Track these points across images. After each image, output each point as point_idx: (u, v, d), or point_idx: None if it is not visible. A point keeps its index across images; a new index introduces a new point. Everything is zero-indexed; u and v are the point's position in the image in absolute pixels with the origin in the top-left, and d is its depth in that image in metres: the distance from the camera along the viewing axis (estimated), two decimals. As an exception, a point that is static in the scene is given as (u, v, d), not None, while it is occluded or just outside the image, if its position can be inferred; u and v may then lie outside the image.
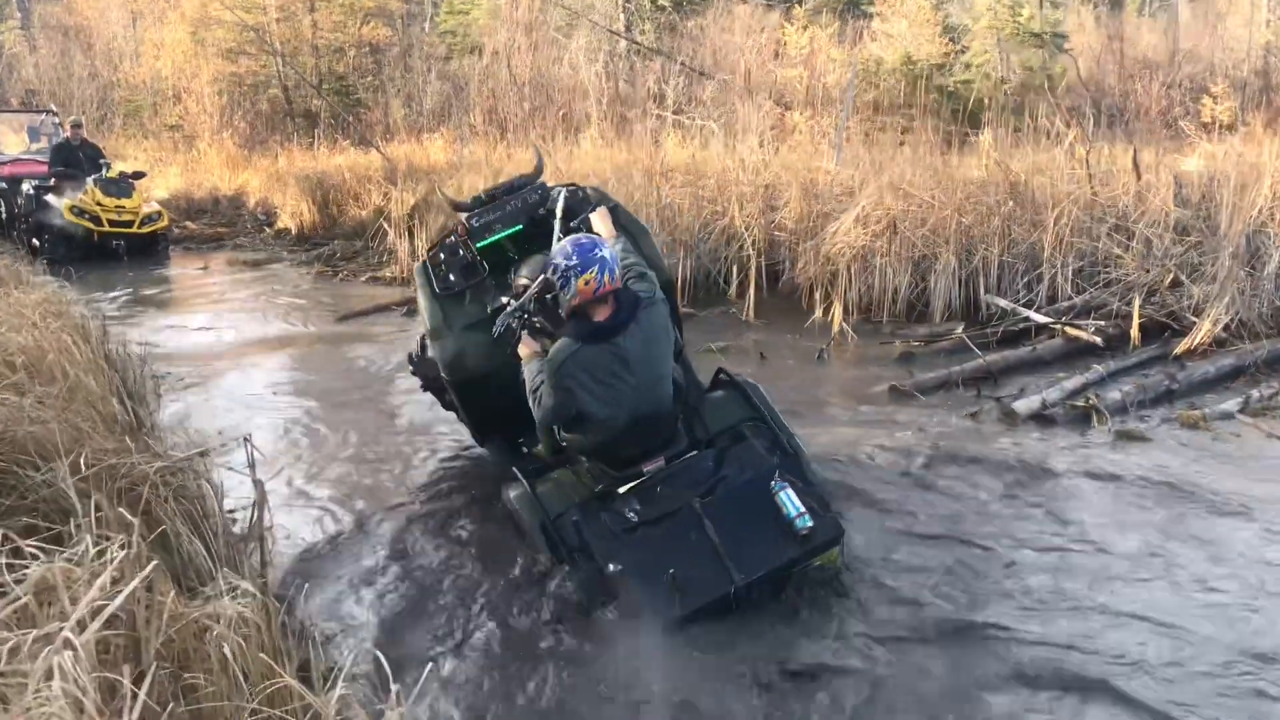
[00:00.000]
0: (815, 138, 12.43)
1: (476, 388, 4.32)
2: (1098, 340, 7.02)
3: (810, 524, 3.64)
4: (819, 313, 8.20)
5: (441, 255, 4.41)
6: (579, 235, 3.80)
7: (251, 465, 3.44)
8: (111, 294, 9.73)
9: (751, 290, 8.39)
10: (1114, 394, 6.12)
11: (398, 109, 17.97)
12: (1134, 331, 7.11)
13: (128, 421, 4.02)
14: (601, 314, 3.69)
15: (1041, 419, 5.95)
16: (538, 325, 3.97)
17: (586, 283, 3.60)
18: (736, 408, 4.30)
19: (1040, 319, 7.40)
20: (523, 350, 3.97)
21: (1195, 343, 6.94)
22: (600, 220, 4.17)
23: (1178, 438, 5.64)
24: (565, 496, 3.86)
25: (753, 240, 8.76)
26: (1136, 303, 7.17)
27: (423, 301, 4.43)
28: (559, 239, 4.06)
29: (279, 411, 6.18)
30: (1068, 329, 7.14)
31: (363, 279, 10.33)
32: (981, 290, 7.98)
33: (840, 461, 5.32)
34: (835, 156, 10.38)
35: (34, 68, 22.23)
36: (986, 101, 13.41)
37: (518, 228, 4.27)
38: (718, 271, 8.95)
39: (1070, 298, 7.75)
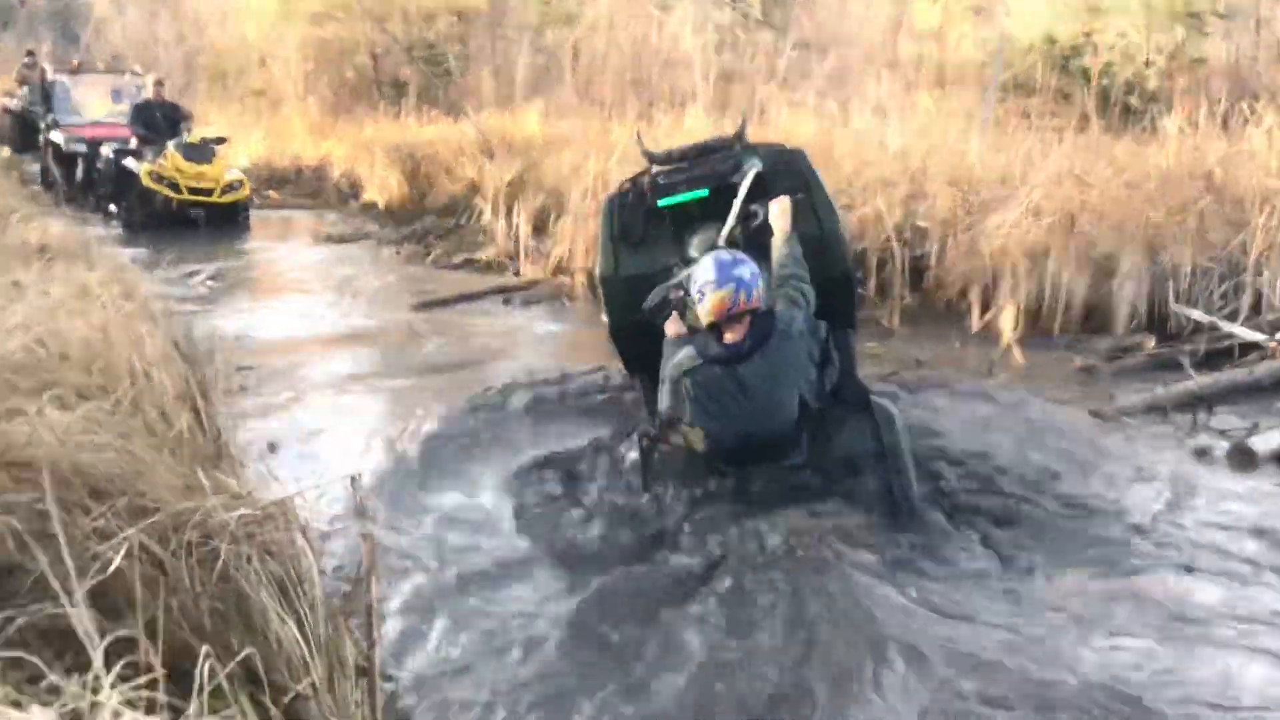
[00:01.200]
0: (944, 120, 11.28)
1: (629, 335, 4.41)
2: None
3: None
4: (975, 318, 7.18)
5: (630, 196, 4.39)
6: (721, 252, 3.78)
7: (360, 513, 2.56)
8: (188, 269, 9.00)
9: (897, 290, 7.38)
10: (1373, 434, 5.03)
11: (487, 79, 17.15)
12: (1371, 356, 5.98)
13: (202, 443, 3.17)
14: (733, 334, 3.69)
15: (1284, 462, 4.90)
16: (689, 305, 3.88)
17: (720, 300, 3.59)
18: (863, 436, 4.05)
19: (1250, 335, 6.28)
20: (669, 328, 4.00)
21: None
22: (779, 214, 4.03)
23: None
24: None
25: (897, 232, 7.74)
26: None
27: (601, 240, 4.49)
28: (736, 216, 4.14)
29: (371, 424, 5.35)
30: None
31: (457, 260, 9.49)
32: (1171, 299, 6.86)
33: (1046, 508, 4.34)
34: (978, 140, 9.30)
35: (121, 31, 21.82)
36: (1135, 86, 12.14)
37: (703, 192, 4.22)
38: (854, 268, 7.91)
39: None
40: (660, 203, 4.25)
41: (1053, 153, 8.21)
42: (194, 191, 10.74)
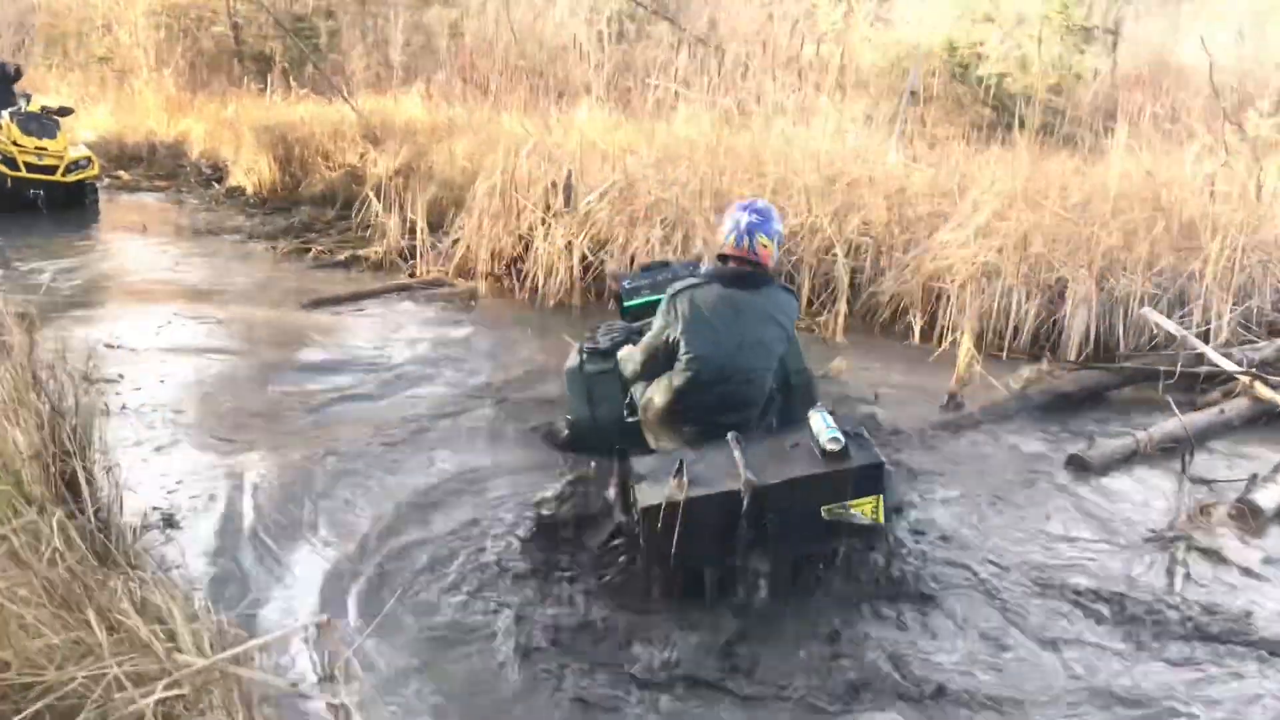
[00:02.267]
0: (849, 125, 10.88)
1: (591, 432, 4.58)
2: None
3: (840, 439, 3.35)
4: (918, 337, 6.74)
5: (600, 329, 4.83)
6: (755, 199, 4.00)
7: (331, 675, 1.83)
8: (30, 265, 7.79)
9: (842, 305, 6.88)
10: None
11: (360, 57, 15.97)
12: (1331, 393, 5.76)
13: (82, 547, 2.32)
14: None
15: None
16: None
17: (754, 243, 3.80)
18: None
19: (1224, 362, 5.99)
20: (622, 353, 4.25)
21: None
22: None
23: None
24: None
25: (831, 246, 7.24)
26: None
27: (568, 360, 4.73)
28: None
29: (278, 475, 4.50)
30: (1258, 387, 5.75)
31: (343, 257, 8.53)
32: (1135, 305, 6.52)
33: (1034, 596, 3.86)
34: (897, 151, 8.93)
35: (-60, -17, 19.59)
36: (1028, 99, 12.00)
37: (662, 296, 4.28)
38: (787, 280, 7.37)
39: (1228, 344, 6.37)
40: (625, 305, 4.75)
41: (986, 169, 7.88)
42: (33, 169, 9.40)
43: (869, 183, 7.63)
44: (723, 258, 3.89)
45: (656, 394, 3.86)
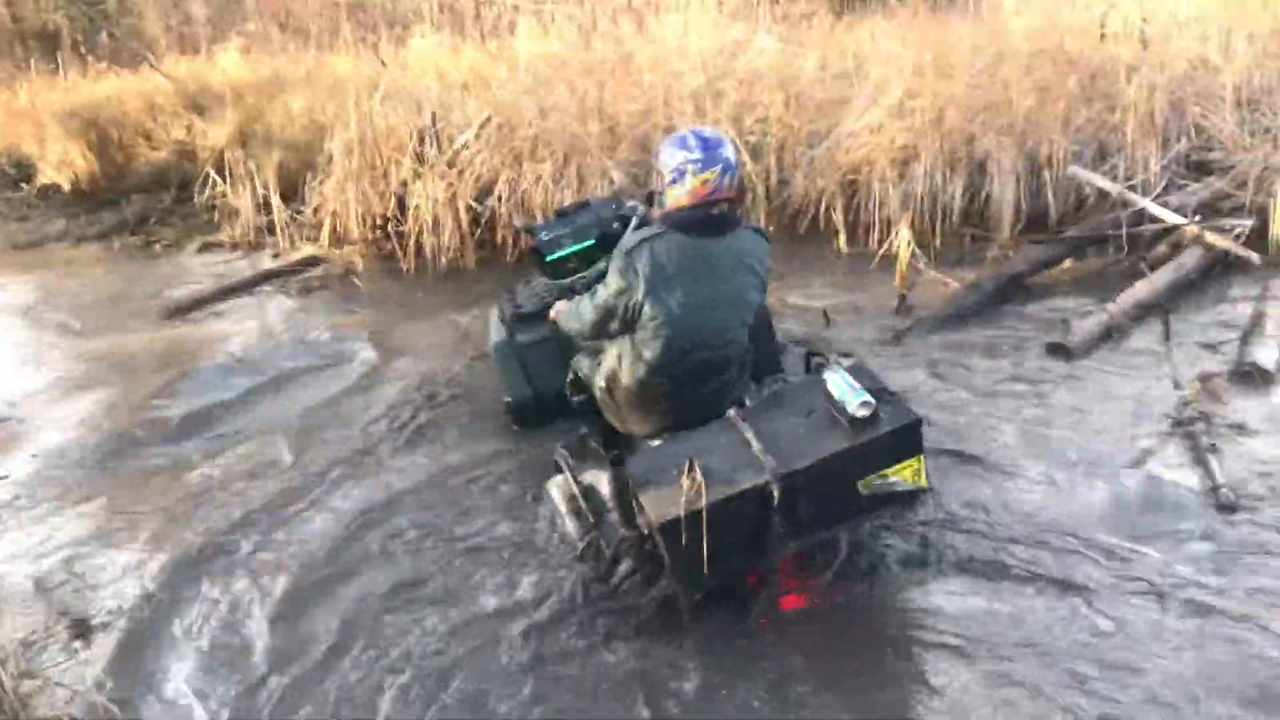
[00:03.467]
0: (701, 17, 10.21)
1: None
2: (1252, 256, 5.38)
3: (871, 402, 2.81)
4: (844, 240, 6.30)
5: (517, 292, 4.37)
6: (702, 128, 3.42)
7: None
8: None
9: (763, 213, 6.36)
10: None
11: (156, 19, 14.47)
12: (1276, 231, 5.55)
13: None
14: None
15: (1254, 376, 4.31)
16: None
17: (704, 183, 3.12)
18: None
19: (1167, 215, 5.70)
20: (556, 309, 3.65)
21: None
22: None
23: None
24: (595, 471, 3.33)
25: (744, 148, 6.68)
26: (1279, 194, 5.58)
27: (490, 330, 4.39)
28: None
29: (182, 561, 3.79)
30: (1208, 237, 5.48)
31: (194, 246, 7.57)
32: (1060, 165, 6.16)
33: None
34: (765, 36, 8.34)
35: None
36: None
37: (589, 241, 3.98)
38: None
39: (1158, 192, 6.08)
40: (548, 259, 4.00)
41: (874, 43, 7.39)
42: None
43: (759, 77, 7.06)
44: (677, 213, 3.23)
45: (623, 370, 3.28)
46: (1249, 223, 5.57)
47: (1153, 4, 7.34)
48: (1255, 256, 5.34)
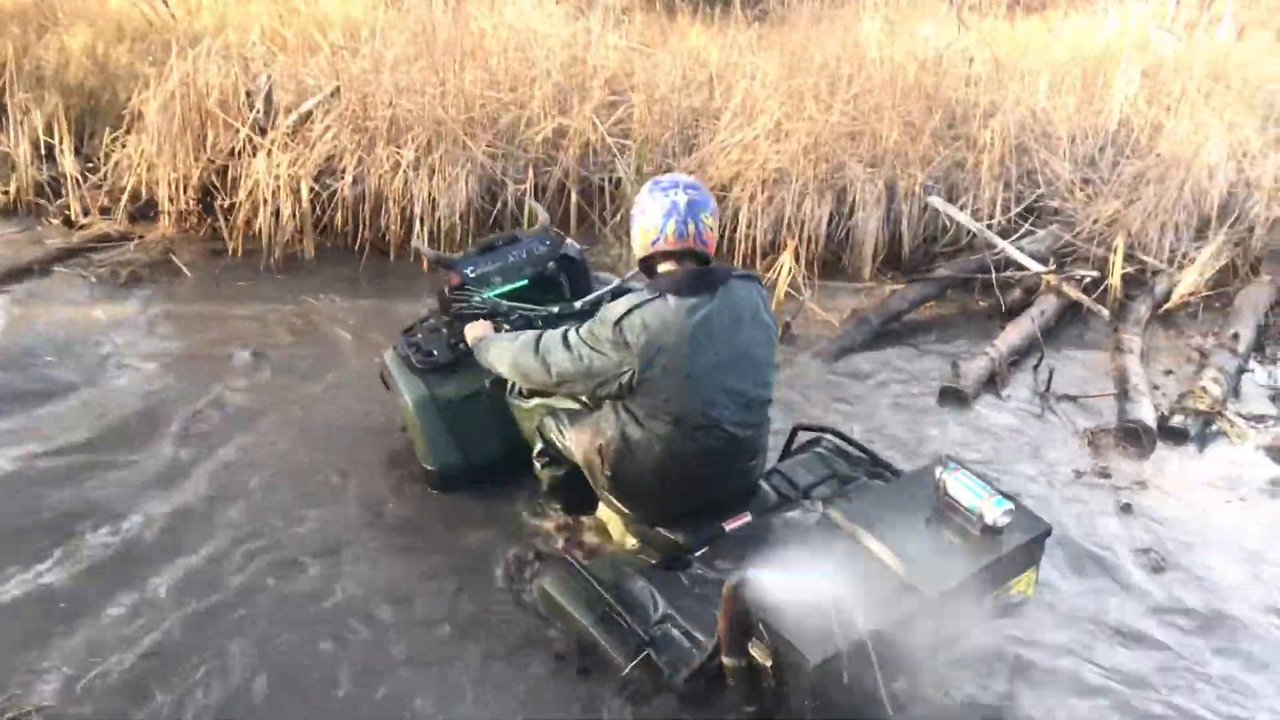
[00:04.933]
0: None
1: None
2: (1102, 310, 5.71)
3: (1013, 509, 2.58)
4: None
5: (418, 335, 3.77)
6: (658, 177, 3.02)
7: None
8: None
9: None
10: (1213, 386, 4.87)
11: None
12: (1115, 281, 5.92)
13: None
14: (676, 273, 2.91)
15: (1171, 433, 4.57)
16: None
17: (711, 229, 2.92)
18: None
19: (1036, 267, 5.93)
20: (474, 330, 3.36)
21: (1184, 295, 5.92)
22: None
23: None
24: (621, 571, 2.93)
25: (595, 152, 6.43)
26: (1120, 244, 5.95)
27: (399, 383, 3.69)
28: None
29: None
30: (1064, 287, 5.76)
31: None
32: (905, 225, 6.32)
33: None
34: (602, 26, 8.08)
35: None
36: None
37: (521, 283, 3.61)
38: (545, 199, 6.43)
39: (1005, 233, 6.35)
40: (475, 300, 3.51)
41: (729, 52, 7.31)
42: None
43: (624, 76, 6.81)
44: (652, 259, 2.95)
45: (634, 446, 2.91)
46: (1094, 274, 5.90)
47: (1004, 46, 7.62)
48: (1105, 311, 5.65)
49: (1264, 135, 7.00)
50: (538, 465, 3.37)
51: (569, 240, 3.83)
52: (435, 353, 3.66)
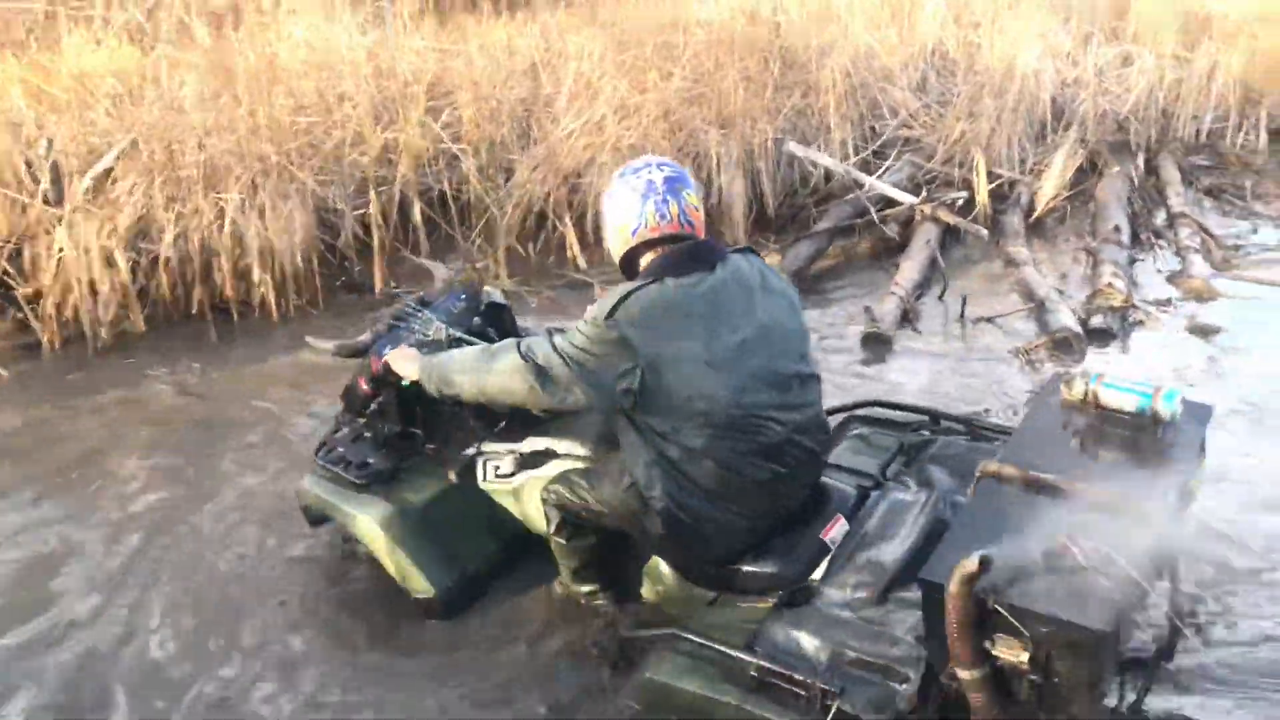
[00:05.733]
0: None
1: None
2: (981, 230, 5.68)
3: (1180, 394, 2.24)
4: (577, 246, 5.82)
5: (339, 449, 3.07)
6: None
7: None
8: None
9: (502, 242, 5.70)
10: (1117, 281, 4.88)
11: None
12: (983, 199, 5.92)
13: None
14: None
15: (1097, 334, 4.54)
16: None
17: (695, 208, 2.49)
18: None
19: (905, 197, 5.85)
20: (407, 358, 2.75)
21: (1050, 201, 5.98)
22: None
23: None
24: (742, 626, 2.32)
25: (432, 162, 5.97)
26: (980, 161, 5.94)
27: (345, 507, 2.97)
28: None
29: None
30: (940, 213, 5.70)
31: None
32: (768, 187, 6.13)
33: None
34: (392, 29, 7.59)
35: None
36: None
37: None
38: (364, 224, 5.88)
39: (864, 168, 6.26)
40: (406, 384, 2.80)
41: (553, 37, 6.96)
42: None
43: (442, 79, 6.37)
44: (634, 254, 2.48)
45: (688, 472, 2.38)
46: (962, 194, 5.87)
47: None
48: (983, 230, 5.62)
49: (1073, 34, 7.18)
50: (560, 543, 2.76)
51: (486, 287, 3.35)
52: (371, 460, 2.99)
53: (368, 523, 2.89)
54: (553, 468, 2.76)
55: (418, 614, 2.95)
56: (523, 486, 2.83)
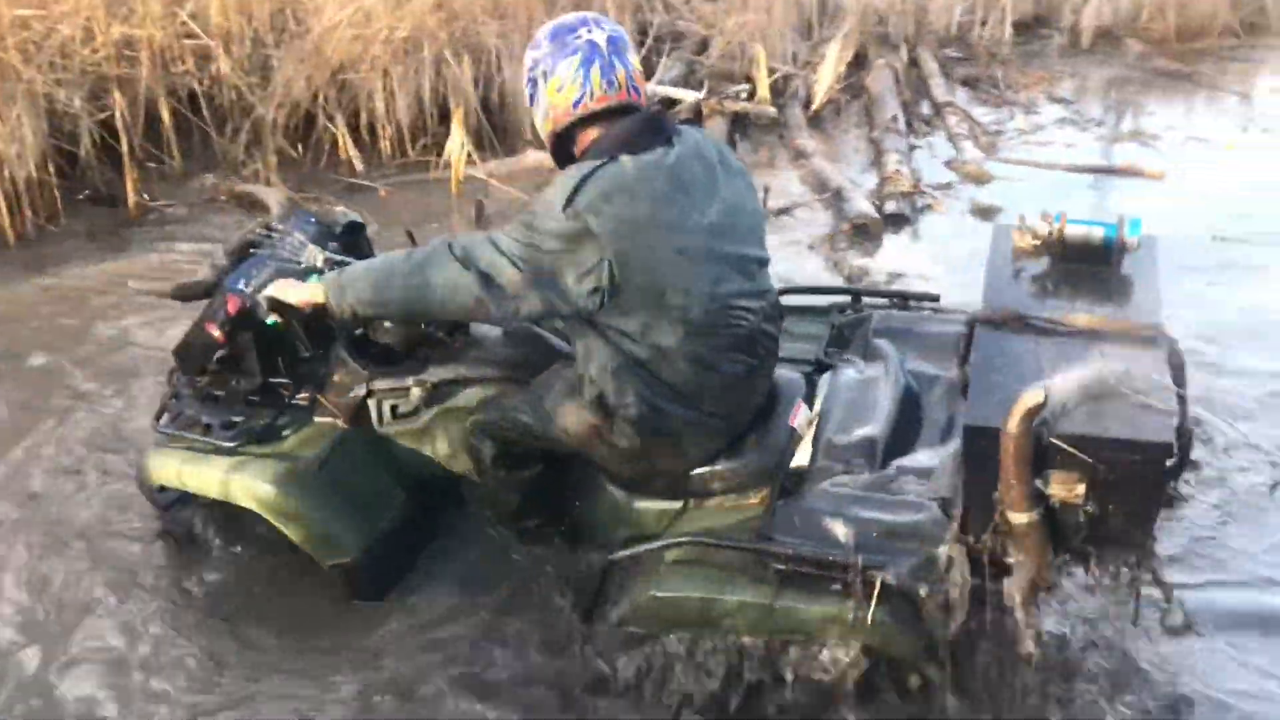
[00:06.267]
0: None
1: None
2: (769, 110, 5.72)
3: (1140, 219, 2.19)
4: (351, 149, 5.43)
5: (188, 411, 2.58)
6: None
7: None
8: None
9: (270, 146, 5.19)
10: (904, 169, 5.04)
11: None
12: (764, 93, 5.96)
13: None
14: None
15: (892, 219, 4.68)
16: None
17: (608, 82, 2.13)
18: None
19: (690, 94, 5.77)
20: (298, 286, 2.36)
21: (828, 93, 6.09)
22: None
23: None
24: (742, 526, 2.21)
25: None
26: (761, 53, 5.95)
27: (219, 476, 2.46)
28: None
29: None
30: (728, 105, 5.69)
31: None
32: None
33: None
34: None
35: None
36: None
37: (314, 277, 2.43)
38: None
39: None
40: (271, 323, 2.42)
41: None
42: None
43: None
44: (572, 130, 2.17)
45: (661, 370, 2.15)
46: (745, 87, 5.89)
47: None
48: (772, 110, 5.67)
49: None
50: (500, 477, 2.41)
51: (339, 207, 2.94)
52: (238, 419, 2.52)
53: (256, 486, 2.41)
54: (468, 397, 2.46)
55: (335, 588, 2.51)
56: (433, 423, 2.51)
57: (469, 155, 5.09)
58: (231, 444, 2.46)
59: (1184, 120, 5.94)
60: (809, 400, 2.42)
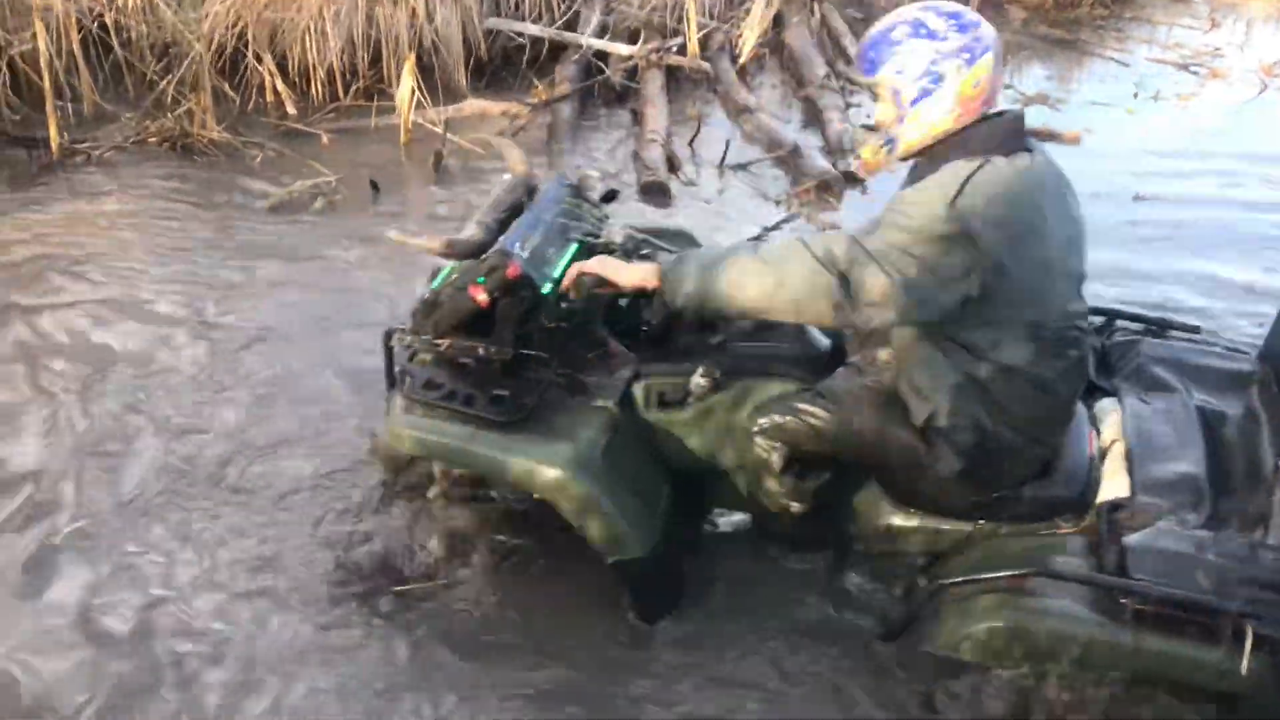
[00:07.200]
0: None
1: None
2: (704, 65, 5.76)
3: None
4: (285, 95, 5.17)
5: (438, 379, 2.29)
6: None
7: None
8: None
9: (206, 98, 4.86)
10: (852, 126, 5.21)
11: None
12: (694, 48, 5.98)
13: None
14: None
15: (851, 177, 4.81)
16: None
17: (976, 83, 1.98)
18: None
19: (625, 49, 5.73)
20: (625, 271, 2.18)
21: (754, 49, 6.16)
22: None
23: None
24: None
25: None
26: (692, 9, 5.96)
27: (510, 453, 2.20)
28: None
29: None
30: (665, 59, 5.69)
31: None
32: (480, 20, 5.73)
33: None
34: None
35: None
36: None
37: (574, 248, 2.40)
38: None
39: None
40: (546, 290, 2.25)
41: None
42: None
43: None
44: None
45: (994, 398, 2.04)
46: (678, 42, 5.90)
47: None
48: (706, 65, 5.73)
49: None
50: (789, 483, 2.22)
51: (593, 172, 2.74)
52: (503, 392, 2.24)
53: (547, 468, 2.15)
54: (753, 392, 2.28)
55: (612, 585, 2.32)
56: (704, 415, 2.31)
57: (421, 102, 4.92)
58: (502, 419, 2.21)
59: (1081, 86, 6.31)
60: (1094, 426, 2.35)
